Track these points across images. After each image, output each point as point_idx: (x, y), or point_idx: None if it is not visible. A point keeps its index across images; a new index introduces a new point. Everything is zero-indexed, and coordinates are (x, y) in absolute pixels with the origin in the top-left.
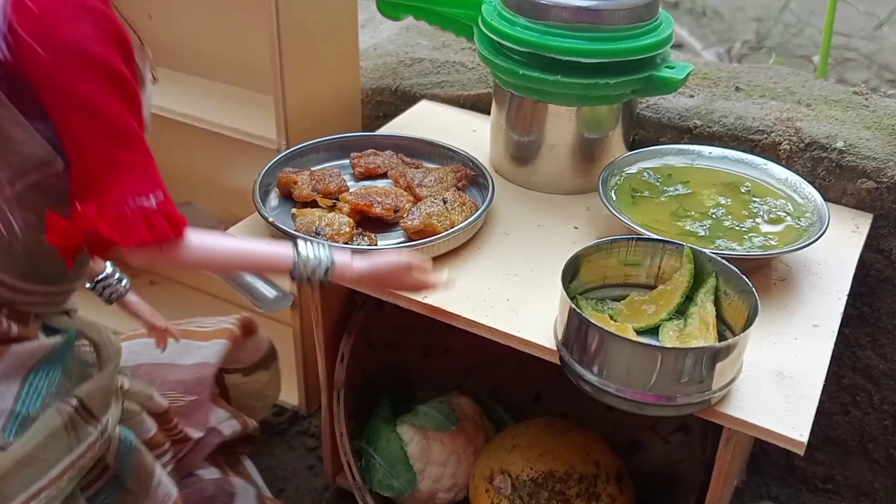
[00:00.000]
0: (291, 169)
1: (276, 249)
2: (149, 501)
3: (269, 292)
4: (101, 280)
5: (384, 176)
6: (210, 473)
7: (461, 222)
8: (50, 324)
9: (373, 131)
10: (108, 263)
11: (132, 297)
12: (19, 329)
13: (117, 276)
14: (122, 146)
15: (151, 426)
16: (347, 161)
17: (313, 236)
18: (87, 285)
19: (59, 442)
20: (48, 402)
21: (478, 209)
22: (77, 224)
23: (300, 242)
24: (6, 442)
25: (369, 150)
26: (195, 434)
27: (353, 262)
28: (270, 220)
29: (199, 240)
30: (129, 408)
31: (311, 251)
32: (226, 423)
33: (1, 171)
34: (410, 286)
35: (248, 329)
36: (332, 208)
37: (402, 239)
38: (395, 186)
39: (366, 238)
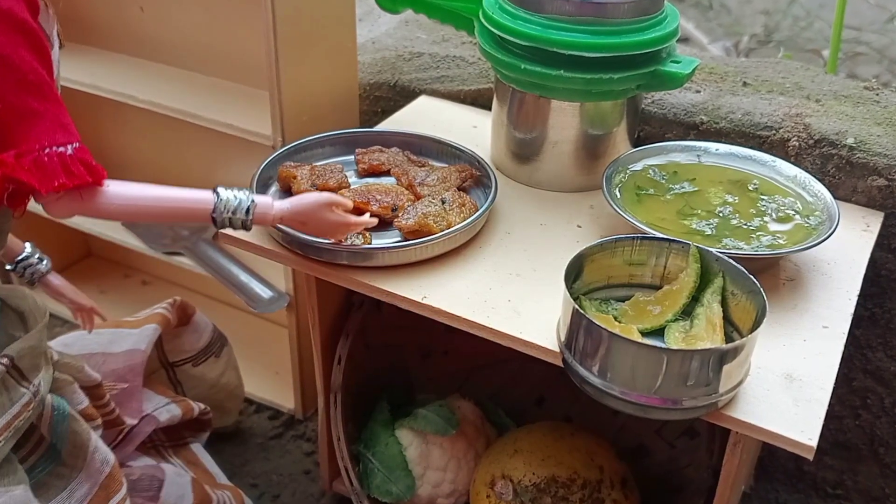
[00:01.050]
0: (293, 163)
1: (197, 194)
2: (86, 470)
3: (265, 292)
4: (22, 260)
5: (388, 173)
6: (143, 463)
7: (459, 223)
8: None
9: (371, 127)
10: (28, 244)
11: (54, 279)
12: None
13: (37, 255)
14: (34, 95)
15: (83, 399)
16: (353, 157)
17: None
18: (8, 267)
19: None
20: None
21: (477, 210)
22: None
23: (220, 187)
24: None
25: (375, 147)
26: (130, 420)
27: (275, 202)
28: None
29: (120, 188)
30: (61, 377)
31: (232, 193)
32: (163, 409)
33: None
34: (332, 224)
35: (183, 312)
36: None
37: (399, 238)
38: (398, 184)
39: (360, 236)
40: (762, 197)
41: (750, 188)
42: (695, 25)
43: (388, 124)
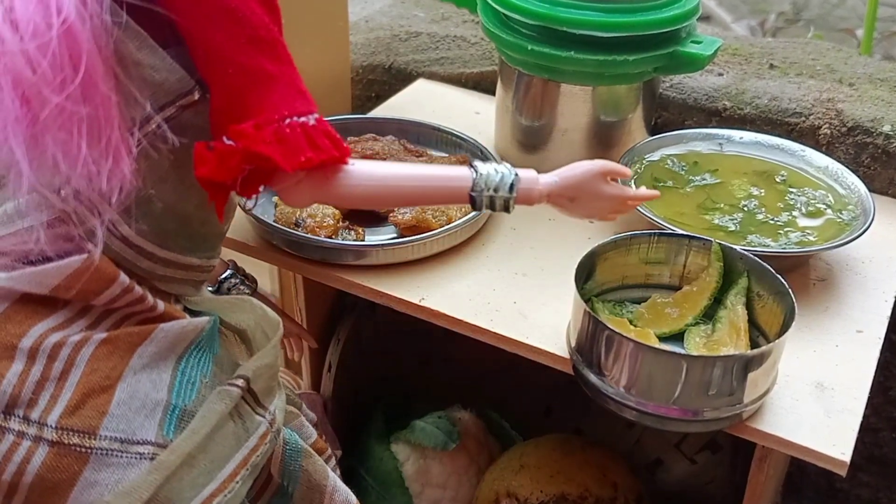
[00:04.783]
0: None
1: (452, 171)
2: None
3: None
4: (224, 280)
5: None
6: None
7: (460, 218)
8: (191, 307)
9: (365, 113)
10: (231, 263)
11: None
12: (165, 306)
13: (241, 275)
14: (267, 55)
15: (312, 431)
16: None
17: (293, 227)
18: (210, 289)
19: (226, 434)
20: (204, 395)
21: None
22: (232, 146)
23: (477, 161)
24: (166, 440)
25: (368, 135)
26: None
27: (540, 176)
28: (249, 208)
29: (366, 166)
30: (288, 409)
31: (492, 167)
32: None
33: (134, 109)
34: (608, 198)
35: None
36: None
37: (394, 235)
38: None
39: (352, 232)
40: (790, 189)
41: (777, 180)
42: (717, 2)
43: (383, 110)
